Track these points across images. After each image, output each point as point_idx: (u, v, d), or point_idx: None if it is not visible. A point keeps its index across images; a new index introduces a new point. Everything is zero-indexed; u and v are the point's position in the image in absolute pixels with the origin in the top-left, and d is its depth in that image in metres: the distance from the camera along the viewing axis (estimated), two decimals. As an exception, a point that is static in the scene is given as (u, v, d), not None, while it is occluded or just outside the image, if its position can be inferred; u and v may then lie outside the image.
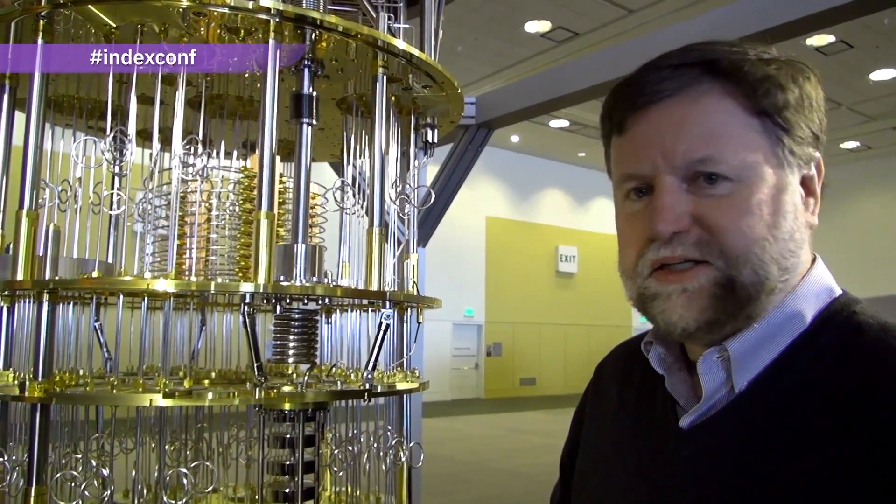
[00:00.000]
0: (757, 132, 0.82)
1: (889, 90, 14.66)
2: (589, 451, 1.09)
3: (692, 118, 0.82)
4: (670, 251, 0.81)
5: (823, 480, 0.73)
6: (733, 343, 0.83)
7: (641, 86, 0.85)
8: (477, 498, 7.74)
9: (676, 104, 0.83)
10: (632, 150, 0.87)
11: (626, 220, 0.89)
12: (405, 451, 1.70)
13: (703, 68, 0.84)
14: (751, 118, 0.82)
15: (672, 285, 0.82)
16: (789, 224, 0.83)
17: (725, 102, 0.83)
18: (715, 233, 0.80)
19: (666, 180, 0.82)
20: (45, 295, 1.37)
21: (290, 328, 1.49)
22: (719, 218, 0.80)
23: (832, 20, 3.18)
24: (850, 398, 0.75)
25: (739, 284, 0.80)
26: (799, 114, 0.84)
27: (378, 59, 1.54)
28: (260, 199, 1.38)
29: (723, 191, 0.81)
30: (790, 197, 0.83)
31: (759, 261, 0.80)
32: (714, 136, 0.81)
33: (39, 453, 1.37)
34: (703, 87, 0.83)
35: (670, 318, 0.82)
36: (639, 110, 0.85)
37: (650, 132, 0.84)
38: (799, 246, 0.84)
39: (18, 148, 1.63)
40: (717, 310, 0.81)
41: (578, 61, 4.13)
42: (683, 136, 0.82)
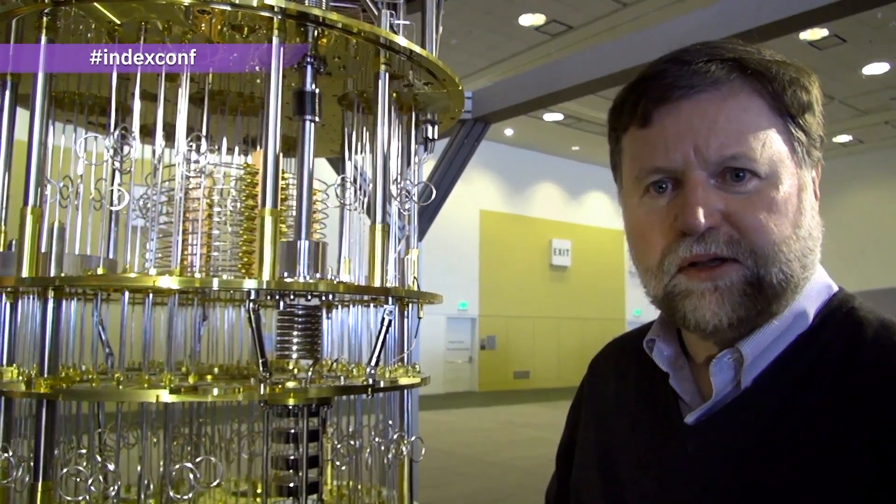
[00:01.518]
0: (780, 132, 0.84)
1: (882, 84, 14.71)
2: (587, 448, 1.09)
3: (725, 114, 0.83)
4: (703, 248, 0.81)
5: (829, 475, 0.74)
6: (747, 345, 0.84)
7: (673, 79, 0.85)
8: (471, 491, 7.76)
9: (709, 100, 0.83)
10: (661, 143, 0.85)
11: (648, 215, 0.87)
12: (406, 445, 1.72)
13: (732, 66, 0.84)
14: (775, 118, 0.84)
15: (704, 283, 0.82)
16: (808, 221, 0.84)
17: (754, 101, 0.84)
18: (745, 231, 0.81)
19: (698, 175, 0.82)
20: (50, 292, 1.37)
21: (294, 324, 1.50)
22: (749, 216, 0.81)
23: (828, 16, 3.19)
24: (854, 393, 0.77)
25: (768, 283, 0.81)
26: (814, 117, 0.86)
27: (380, 57, 1.55)
28: (264, 196, 1.39)
29: (751, 188, 0.81)
30: (808, 196, 0.85)
31: (786, 259, 0.81)
32: (745, 134, 0.82)
33: (46, 449, 1.38)
34: (735, 85, 0.84)
35: (703, 315, 0.82)
36: (669, 104, 0.85)
37: (681, 126, 0.84)
38: (816, 244, 0.86)
39: (18, 142, 1.63)
40: (747, 307, 0.81)
41: (576, 55, 4.13)
42: (717, 131, 0.82)
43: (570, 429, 1.18)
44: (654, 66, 0.88)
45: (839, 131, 17.74)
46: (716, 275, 0.81)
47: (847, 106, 16.06)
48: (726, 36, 3.27)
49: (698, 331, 0.85)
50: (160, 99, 1.47)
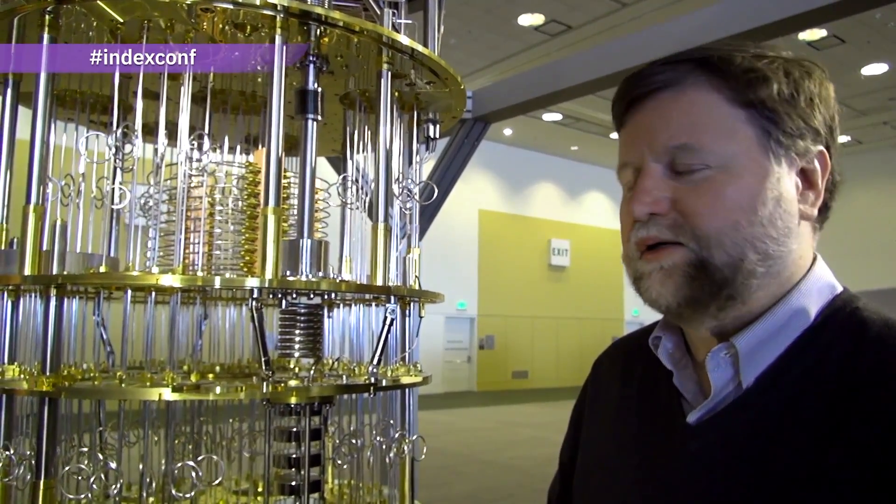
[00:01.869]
0: (741, 122, 0.86)
1: (880, 85, 14.73)
2: (591, 448, 1.10)
3: (677, 108, 0.87)
4: (646, 232, 0.87)
5: (832, 476, 0.74)
6: (741, 339, 0.85)
7: (637, 81, 0.91)
8: (470, 490, 7.77)
9: (666, 97, 0.89)
10: (627, 140, 0.93)
11: (622, 207, 0.94)
12: (408, 443, 1.72)
13: (694, 64, 0.89)
14: (737, 110, 0.86)
15: (652, 263, 0.87)
16: (769, 210, 0.85)
17: (710, 94, 0.87)
18: (687, 216, 0.85)
19: (649, 166, 0.88)
20: (52, 290, 1.37)
21: (296, 323, 1.50)
22: (693, 202, 0.85)
23: (828, 16, 3.18)
24: (858, 393, 0.77)
25: (712, 266, 0.83)
26: (791, 107, 0.86)
27: (383, 56, 1.55)
28: (266, 194, 1.39)
29: (700, 177, 0.85)
30: (774, 185, 0.86)
31: (732, 242, 0.83)
32: (695, 125, 0.86)
33: (48, 447, 1.38)
34: (690, 81, 0.88)
35: (651, 294, 0.88)
36: (634, 104, 0.92)
37: (641, 123, 0.91)
38: (783, 234, 0.86)
39: (20, 141, 1.63)
40: (692, 288, 0.85)
41: (576, 56, 4.13)
42: (668, 125, 0.87)
43: (574, 428, 1.18)
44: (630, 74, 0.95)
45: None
46: (661, 256, 0.86)
47: (846, 106, 16.01)
48: (725, 36, 3.29)
49: (657, 310, 0.90)
50: (162, 98, 1.47)
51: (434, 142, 1.93)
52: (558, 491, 1.20)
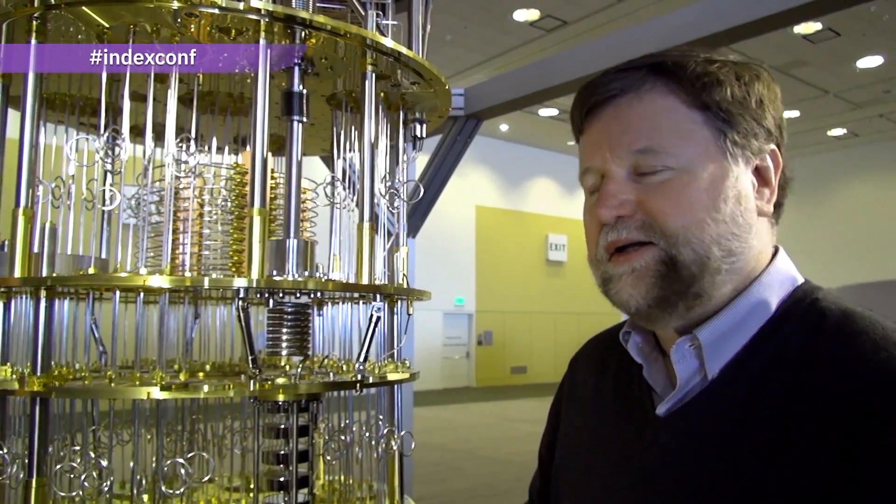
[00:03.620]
0: (698, 124, 0.89)
1: (875, 77, 14.74)
2: (568, 442, 1.13)
3: (636, 113, 0.90)
4: (616, 234, 0.89)
5: (795, 462, 0.77)
6: (703, 331, 0.88)
7: (593, 88, 0.94)
8: (468, 486, 7.81)
9: (623, 102, 0.92)
10: (588, 147, 0.96)
11: (587, 213, 0.97)
12: (396, 439, 1.74)
13: (648, 69, 0.92)
14: (693, 112, 0.89)
15: (622, 266, 0.90)
16: (730, 208, 0.88)
17: (667, 98, 0.90)
18: (654, 216, 0.87)
19: (612, 171, 0.90)
20: (42, 291, 1.39)
21: (283, 321, 1.52)
22: (659, 202, 0.87)
23: (822, 10, 3.20)
24: (817, 381, 0.80)
25: (681, 262, 0.86)
26: (744, 108, 0.90)
27: (367, 58, 1.57)
28: (252, 195, 1.41)
29: (662, 178, 0.88)
30: (733, 184, 0.89)
31: (699, 240, 0.86)
32: (655, 129, 0.89)
33: (39, 446, 1.40)
34: (647, 86, 0.91)
35: (622, 297, 0.90)
36: (592, 111, 0.95)
37: (601, 129, 0.93)
38: (745, 230, 0.89)
39: (10, 141, 1.65)
40: (662, 287, 0.87)
41: (567, 52, 4.15)
42: (628, 130, 0.90)
43: (552, 424, 1.21)
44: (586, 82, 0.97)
45: (833, 125, 17.78)
46: (632, 258, 0.89)
47: (841, 99, 16.10)
48: (718, 31, 3.30)
49: (627, 312, 0.92)
50: (149, 100, 1.49)
51: (421, 141, 1.94)
52: (538, 486, 1.22)
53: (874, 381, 0.76)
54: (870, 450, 0.73)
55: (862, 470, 0.73)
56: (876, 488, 0.72)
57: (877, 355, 0.78)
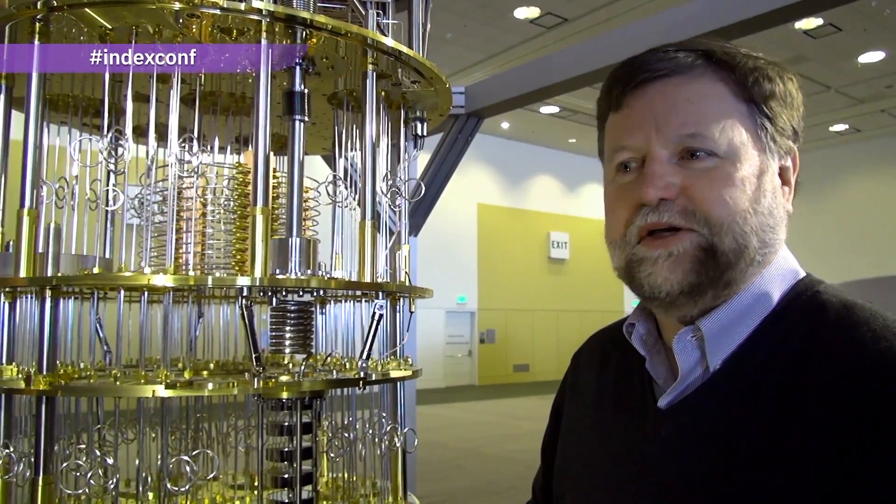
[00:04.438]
0: (744, 116, 0.89)
1: (877, 72, 14.72)
2: (570, 436, 1.13)
3: (686, 97, 0.89)
4: (657, 217, 0.87)
5: (795, 454, 0.77)
6: (706, 322, 0.88)
7: (641, 64, 0.92)
8: (472, 483, 7.82)
9: (672, 83, 0.90)
10: (628, 124, 0.93)
11: (616, 191, 0.94)
12: (399, 436, 1.75)
13: (699, 54, 0.91)
14: (740, 104, 0.89)
15: (658, 250, 0.87)
16: (768, 201, 0.89)
17: (717, 87, 0.89)
18: (699, 202, 0.86)
19: (658, 152, 0.88)
20: (47, 291, 1.41)
21: (287, 319, 1.53)
22: (704, 189, 0.86)
23: (825, 5, 3.20)
24: (817, 373, 0.80)
25: (721, 251, 0.86)
26: (782, 106, 0.91)
27: (368, 57, 1.58)
28: (255, 195, 1.42)
29: (709, 164, 0.87)
30: (770, 178, 0.90)
31: (741, 230, 0.86)
32: (704, 115, 0.88)
33: (46, 444, 1.41)
34: (698, 71, 0.90)
35: (656, 280, 0.88)
36: (637, 87, 0.92)
37: (646, 107, 0.91)
38: (778, 224, 0.90)
39: (14, 142, 1.66)
40: (699, 273, 0.86)
41: (567, 50, 4.15)
42: (677, 112, 0.88)
43: (554, 420, 1.22)
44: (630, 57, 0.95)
45: (835, 120, 17.75)
46: (670, 242, 0.87)
47: (843, 95, 16.08)
48: (719, 27, 3.30)
49: (654, 297, 0.89)
50: (152, 100, 1.50)
51: (422, 139, 1.95)
52: (541, 481, 1.23)
53: (875, 370, 0.77)
54: (871, 438, 0.73)
55: (864, 459, 0.73)
56: (878, 476, 0.72)
57: (877, 345, 0.78)
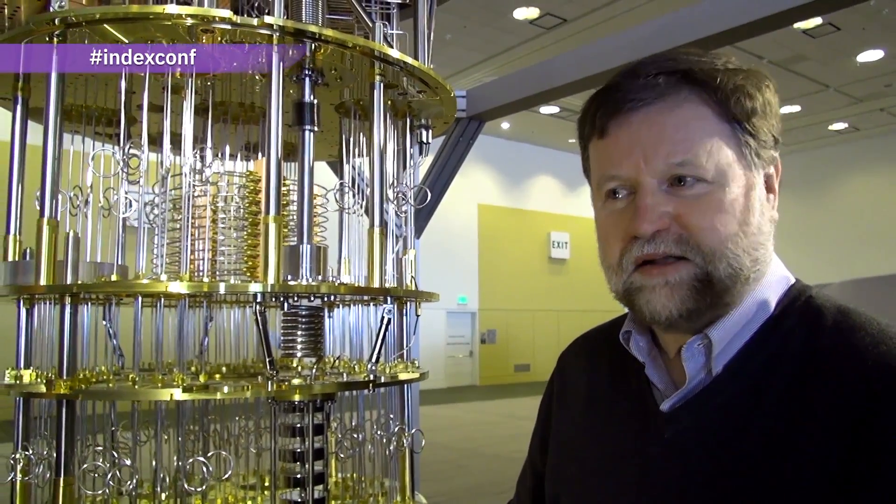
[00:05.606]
0: (727, 136, 0.90)
1: (876, 71, 14.74)
2: (562, 439, 1.14)
3: (672, 124, 0.89)
4: (653, 248, 0.88)
5: (798, 454, 0.80)
6: (714, 331, 0.91)
7: (625, 92, 0.92)
8: (473, 484, 7.84)
9: (657, 111, 0.90)
10: (615, 153, 0.93)
11: (608, 218, 0.95)
12: (407, 437, 1.79)
13: (679, 77, 0.91)
14: (723, 124, 0.90)
15: (656, 279, 0.89)
16: (757, 219, 0.91)
17: (701, 110, 0.90)
18: (693, 231, 0.88)
19: (648, 182, 0.89)
20: (67, 298, 1.45)
21: (298, 324, 1.57)
22: (696, 217, 0.88)
23: (827, 7, 3.21)
24: (817, 375, 0.84)
25: (716, 278, 0.88)
26: (763, 120, 0.92)
27: (375, 68, 1.62)
28: (267, 204, 1.47)
29: (699, 191, 0.88)
30: (757, 194, 0.92)
31: (733, 255, 0.88)
32: (691, 142, 0.88)
33: (66, 446, 1.46)
34: (682, 96, 0.90)
35: (655, 307, 0.89)
36: (621, 115, 0.92)
37: (632, 137, 0.91)
38: (767, 238, 0.93)
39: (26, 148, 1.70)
40: (696, 300, 0.88)
41: (569, 53, 4.18)
42: (664, 141, 0.89)
43: (543, 423, 1.23)
44: (610, 80, 0.95)
45: (834, 119, 17.76)
46: (667, 271, 0.89)
47: (842, 94, 16.10)
48: (722, 31, 3.32)
49: (654, 322, 0.92)
50: (166, 111, 1.54)
51: (427, 146, 1.99)
52: (530, 485, 1.24)
53: (875, 372, 0.80)
54: (875, 440, 0.76)
55: (865, 460, 0.76)
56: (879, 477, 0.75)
57: (876, 348, 0.82)
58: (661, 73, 0.91)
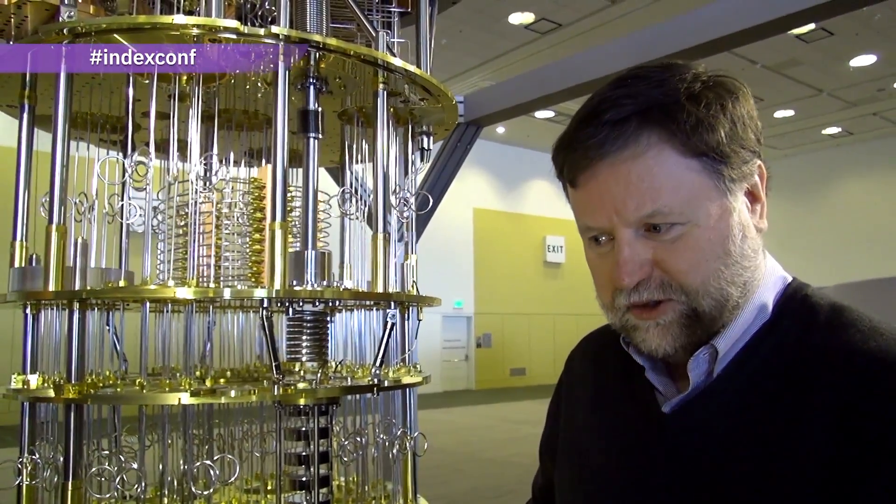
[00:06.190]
0: (696, 172, 0.90)
1: (869, 76, 14.84)
2: (570, 440, 1.17)
3: (637, 174, 0.89)
4: (638, 297, 0.92)
5: (795, 451, 0.83)
6: (721, 341, 0.94)
7: (586, 144, 0.91)
8: (471, 488, 7.85)
9: (620, 161, 0.89)
10: (588, 205, 0.95)
11: (595, 259, 0.99)
12: (410, 440, 1.81)
13: (639, 119, 0.89)
14: (690, 160, 0.89)
15: (647, 321, 0.93)
16: (738, 246, 0.92)
17: (665, 153, 0.89)
18: (674, 275, 0.90)
19: (623, 233, 0.91)
20: (75, 304, 1.47)
21: (303, 329, 1.59)
22: (675, 261, 0.90)
23: (818, 16, 3.24)
24: (811, 373, 0.87)
25: (702, 312, 0.91)
26: (734, 142, 0.90)
27: (379, 76, 1.64)
28: (273, 210, 1.49)
29: (675, 234, 0.90)
30: (737, 219, 0.92)
31: (716, 289, 0.90)
32: (658, 190, 0.89)
33: (75, 450, 1.47)
34: (643, 141, 0.89)
35: (650, 346, 0.94)
36: (588, 169, 0.93)
37: (601, 189, 0.92)
38: (752, 259, 0.94)
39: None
40: (688, 335, 0.92)
41: (566, 59, 4.22)
42: (631, 192, 0.89)
43: (551, 423, 1.26)
44: (572, 126, 0.95)
45: (828, 123, 17.87)
46: (655, 314, 0.93)
47: (835, 98, 16.19)
48: (715, 38, 3.34)
49: (652, 356, 0.96)
50: (173, 118, 1.56)
51: (428, 152, 2.02)
52: (541, 484, 1.28)
53: (867, 368, 0.83)
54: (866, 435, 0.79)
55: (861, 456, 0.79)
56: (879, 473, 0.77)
57: (867, 345, 0.85)
58: (620, 120, 0.90)
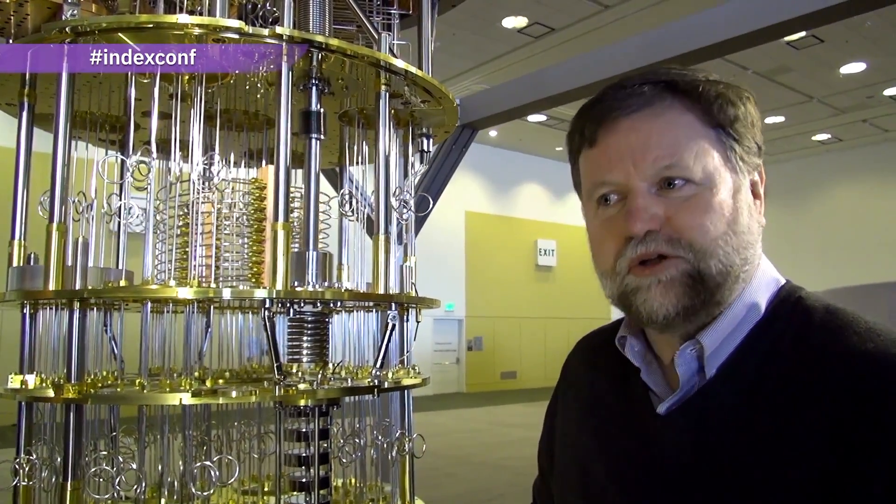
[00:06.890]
0: (712, 140, 0.94)
1: (859, 83, 14.93)
2: (567, 443, 1.17)
3: (658, 129, 0.93)
4: (645, 247, 0.92)
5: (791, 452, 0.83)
6: (706, 336, 0.94)
7: (611, 102, 0.96)
8: (462, 491, 7.83)
9: (643, 118, 0.94)
10: (605, 160, 0.97)
11: (601, 225, 0.99)
12: (408, 441, 1.81)
13: (663, 86, 0.95)
14: (708, 130, 0.94)
15: (648, 278, 0.92)
16: (745, 219, 0.94)
17: (686, 116, 0.94)
18: (683, 231, 0.91)
19: (638, 186, 0.93)
20: (76, 303, 1.46)
21: (304, 330, 1.59)
22: (686, 217, 0.91)
23: (815, 22, 3.27)
24: (807, 375, 0.87)
25: (707, 275, 0.91)
26: (746, 127, 0.96)
27: (380, 78, 1.65)
28: (276, 210, 1.49)
29: (688, 193, 0.92)
30: (744, 197, 0.95)
31: (723, 252, 0.91)
32: (677, 145, 0.92)
33: (74, 450, 1.46)
34: (666, 103, 0.94)
35: (651, 306, 0.92)
36: (609, 124, 0.96)
37: (621, 143, 0.95)
38: (755, 239, 0.96)
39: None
40: (690, 297, 0.91)
41: (560, 64, 4.23)
42: (651, 146, 0.93)
43: (549, 428, 1.26)
44: (599, 93, 1.00)
45: (818, 129, 17.97)
46: (658, 269, 0.92)
47: (825, 105, 16.29)
48: (709, 44, 3.37)
49: (651, 323, 0.94)
50: (175, 118, 1.56)
51: (428, 154, 2.02)
52: (539, 486, 1.28)
53: (863, 371, 0.83)
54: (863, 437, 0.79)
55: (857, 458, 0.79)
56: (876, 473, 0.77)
57: (864, 346, 0.85)
58: (645, 83, 0.96)
